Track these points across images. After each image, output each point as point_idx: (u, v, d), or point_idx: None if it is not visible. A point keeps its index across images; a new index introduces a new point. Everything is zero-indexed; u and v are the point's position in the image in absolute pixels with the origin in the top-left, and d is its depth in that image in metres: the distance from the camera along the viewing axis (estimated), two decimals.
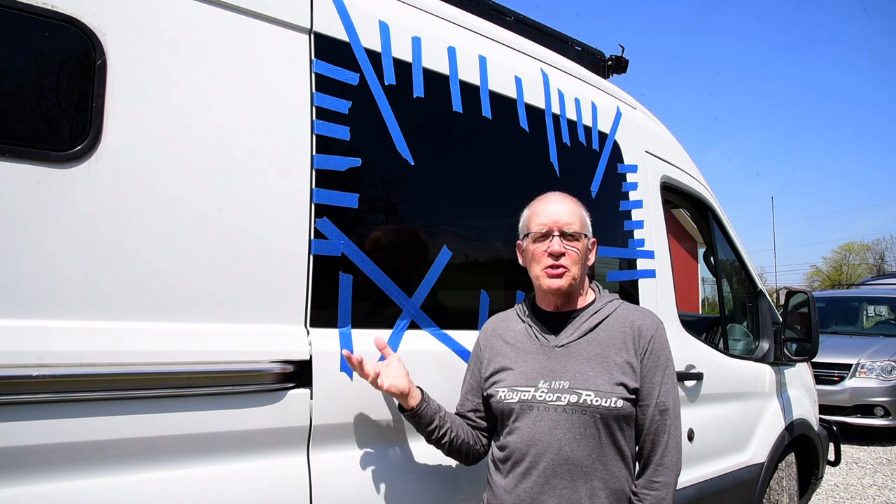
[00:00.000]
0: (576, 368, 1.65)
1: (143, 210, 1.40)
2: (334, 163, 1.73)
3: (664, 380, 1.68)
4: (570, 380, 1.64)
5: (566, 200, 1.79)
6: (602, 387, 1.61)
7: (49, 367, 1.24)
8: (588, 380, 1.63)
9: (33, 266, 1.26)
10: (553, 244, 1.71)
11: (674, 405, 1.68)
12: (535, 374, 1.68)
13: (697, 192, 3.34)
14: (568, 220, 1.73)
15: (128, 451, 1.35)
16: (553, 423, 1.62)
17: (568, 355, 1.68)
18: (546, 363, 1.69)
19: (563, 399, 1.62)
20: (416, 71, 1.97)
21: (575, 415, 1.60)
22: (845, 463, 6.76)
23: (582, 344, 1.70)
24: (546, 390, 1.65)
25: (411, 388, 1.69)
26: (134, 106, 1.41)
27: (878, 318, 10.87)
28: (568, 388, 1.63)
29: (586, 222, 1.79)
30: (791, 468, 3.76)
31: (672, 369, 1.72)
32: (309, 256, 1.66)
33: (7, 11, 1.26)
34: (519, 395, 1.67)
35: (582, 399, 1.61)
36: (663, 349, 1.72)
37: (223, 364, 1.48)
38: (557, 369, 1.67)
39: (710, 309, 17.87)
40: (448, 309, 1.99)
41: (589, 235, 1.79)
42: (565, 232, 1.72)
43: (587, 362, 1.66)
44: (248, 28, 1.61)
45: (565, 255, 1.71)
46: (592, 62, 3.00)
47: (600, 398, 1.60)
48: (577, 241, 1.73)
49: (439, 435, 1.73)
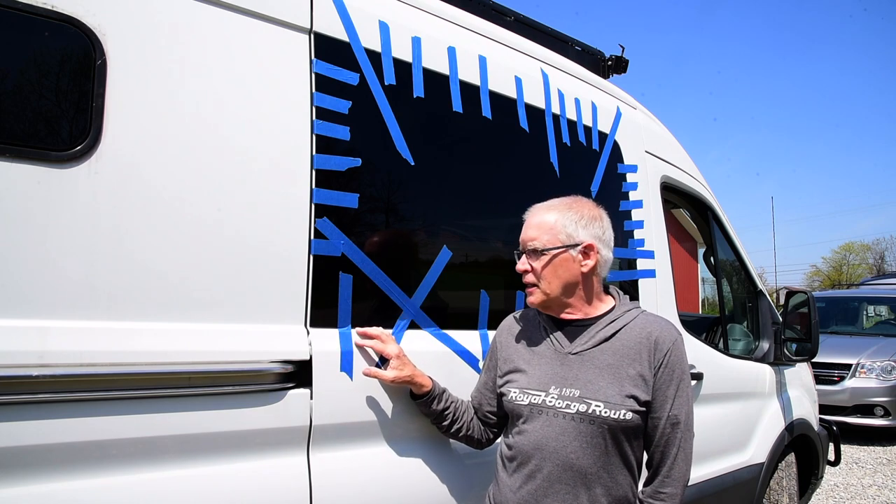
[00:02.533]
0: (587, 377, 1.64)
1: (143, 210, 1.40)
2: (334, 163, 1.73)
3: (678, 393, 1.64)
4: (580, 388, 1.63)
5: (539, 213, 1.74)
6: (612, 398, 1.60)
7: (49, 367, 1.24)
8: (599, 390, 1.61)
9: (33, 266, 1.26)
10: (518, 263, 1.74)
11: (686, 419, 1.64)
12: (547, 378, 1.68)
13: (697, 192, 3.34)
14: (532, 234, 1.71)
15: (128, 451, 1.35)
16: (560, 430, 1.62)
17: (581, 363, 1.67)
18: (559, 369, 1.68)
19: (572, 407, 1.62)
20: (416, 71, 1.97)
21: (583, 424, 1.60)
22: (845, 463, 6.76)
23: (595, 353, 1.67)
24: (556, 396, 1.65)
25: (418, 376, 1.76)
26: (134, 106, 1.41)
27: (878, 318, 10.87)
28: (578, 396, 1.62)
29: (562, 231, 1.68)
30: (791, 468, 3.76)
31: (687, 383, 1.67)
32: (309, 256, 1.66)
33: (7, 11, 1.26)
34: (529, 397, 1.68)
35: (591, 409, 1.60)
36: (679, 363, 1.66)
37: (223, 364, 1.48)
38: (569, 376, 1.66)
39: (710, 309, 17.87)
40: (448, 309, 1.99)
41: (570, 244, 1.68)
42: (528, 250, 1.72)
43: (599, 372, 1.64)
44: (248, 28, 1.61)
45: (530, 273, 1.71)
46: (592, 62, 3.00)
47: (609, 409, 1.59)
48: (544, 255, 1.69)
49: (447, 424, 1.82)
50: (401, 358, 1.74)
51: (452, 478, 1.89)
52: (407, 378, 1.74)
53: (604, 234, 1.73)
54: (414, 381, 1.76)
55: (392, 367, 1.73)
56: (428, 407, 1.79)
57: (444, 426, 1.83)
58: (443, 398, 1.81)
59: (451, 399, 1.84)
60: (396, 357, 1.73)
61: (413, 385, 1.77)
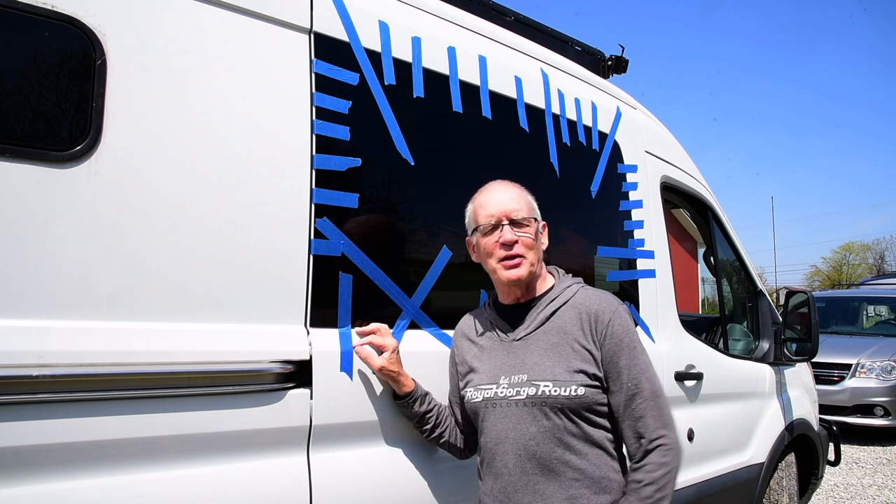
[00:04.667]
0: (533, 360, 1.63)
1: (143, 210, 1.40)
2: (334, 163, 1.73)
3: (631, 362, 1.60)
4: (527, 372, 1.61)
5: (508, 187, 1.75)
6: (560, 376, 1.58)
7: (49, 367, 1.24)
8: (545, 370, 1.59)
9: (33, 266, 1.26)
10: (504, 233, 1.67)
11: (649, 384, 1.59)
12: (496, 370, 1.68)
13: (697, 192, 3.34)
14: (514, 206, 1.69)
15: (128, 451, 1.35)
16: (517, 419, 1.60)
17: (525, 348, 1.66)
18: (506, 358, 1.68)
19: (521, 393, 1.60)
20: (416, 71, 1.97)
21: (535, 407, 1.58)
22: (845, 463, 6.76)
23: (539, 335, 1.66)
24: (507, 386, 1.63)
25: (404, 375, 1.74)
26: (134, 106, 1.41)
27: (878, 318, 10.87)
28: (526, 381, 1.60)
29: (533, 206, 1.75)
30: (791, 468, 3.76)
31: (639, 349, 1.63)
32: (309, 256, 1.65)
33: (7, 11, 1.26)
34: (483, 393, 1.67)
35: (540, 391, 1.57)
36: (625, 331, 1.63)
37: (223, 364, 1.48)
38: (516, 363, 1.65)
39: (710, 309, 17.87)
40: (448, 309, 1.99)
41: (538, 219, 1.74)
42: (514, 219, 1.68)
43: (544, 353, 1.63)
44: (248, 28, 1.61)
45: (518, 243, 1.67)
46: (592, 62, 3.00)
47: (558, 387, 1.56)
48: (528, 226, 1.68)
49: (429, 428, 1.79)
50: (395, 353, 1.74)
51: (452, 478, 1.89)
52: (394, 372, 1.73)
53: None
54: (398, 379, 1.74)
55: (385, 357, 1.72)
56: (410, 409, 1.76)
57: (427, 430, 1.79)
58: (425, 400, 1.78)
59: (434, 403, 1.81)
60: (392, 350, 1.73)
61: (396, 383, 1.74)
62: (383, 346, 1.74)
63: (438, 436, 1.81)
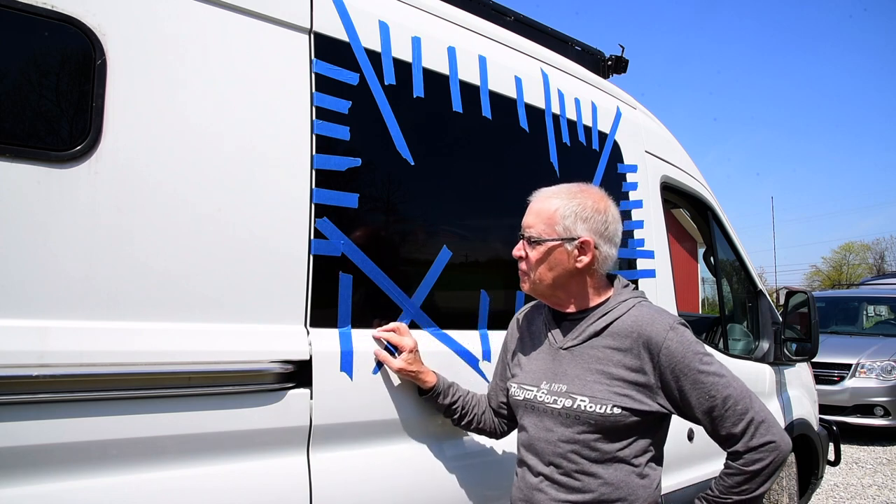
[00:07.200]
0: (575, 373, 1.62)
1: (143, 210, 1.40)
2: (334, 163, 1.73)
3: (697, 385, 1.51)
4: (567, 384, 1.61)
5: (542, 199, 1.67)
6: (598, 393, 1.55)
7: (49, 367, 1.24)
8: (584, 386, 1.58)
9: (33, 266, 1.26)
10: (517, 246, 1.69)
11: (733, 392, 1.50)
12: (540, 374, 1.68)
13: (697, 191, 3.34)
14: (530, 221, 1.65)
15: (128, 451, 1.35)
16: (548, 426, 1.62)
17: (571, 359, 1.64)
18: (550, 364, 1.68)
19: (558, 402, 1.60)
20: (416, 71, 1.97)
21: (569, 419, 1.58)
22: (845, 463, 6.76)
23: (585, 349, 1.62)
24: (546, 392, 1.64)
25: (424, 373, 1.78)
26: (134, 106, 1.41)
27: (878, 318, 10.86)
28: (565, 391, 1.60)
29: (558, 223, 1.60)
30: (791, 468, 3.76)
31: (702, 366, 1.52)
32: (309, 256, 1.66)
33: (7, 11, 1.26)
34: (524, 393, 1.69)
35: (576, 404, 1.57)
36: (680, 355, 1.52)
37: (223, 364, 1.48)
38: (559, 372, 1.65)
39: (710, 309, 17.87)
40: (448, 309, 1.99)
41: (563, 237, 1.60)
42: (523, 235, 1.67)
43: (587, 368, 1.60)
44: (248, 28, 1.61)
45: (523, 259, 1.66)
46: (592, 62, 3.00)
47: (595, 404, 1.54)
48: (539, 244, 1.62)
49: (457, 418, 1.84)
50: (414, 353, 1.77)
51: (452, 478, 1.89)
52: (413, 373, 1.76)
53: (606, 230, 1.63)
54: (419, 378, 1.77)
55: (402, 358, 1.75)
56: (434, 402, 1.81)
57: (455, 419, 1.85)
58: (449, 393, 1.82)
59: (459, 394, 1.84)
60: (409, 351, 1.76)
61: (418, 381, 1.78)
62: (401, 346, 1.75)
63: (468, 423, 1.86)
